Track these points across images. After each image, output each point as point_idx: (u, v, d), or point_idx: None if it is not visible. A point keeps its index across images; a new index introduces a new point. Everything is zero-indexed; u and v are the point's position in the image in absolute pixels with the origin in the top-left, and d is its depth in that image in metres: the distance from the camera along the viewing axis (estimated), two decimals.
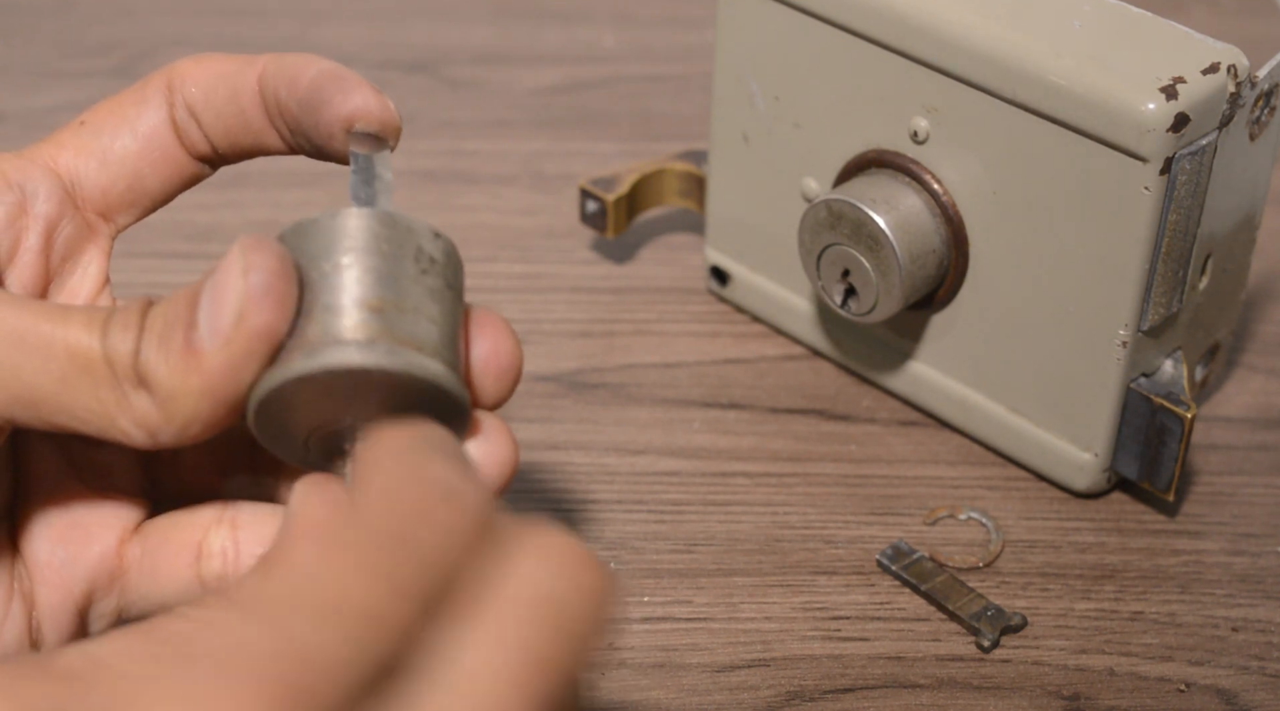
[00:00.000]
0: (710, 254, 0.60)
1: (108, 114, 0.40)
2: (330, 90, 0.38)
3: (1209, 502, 0.54)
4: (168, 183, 0.41)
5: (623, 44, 0.78)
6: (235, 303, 0.32)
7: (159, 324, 0.33)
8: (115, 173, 0.40)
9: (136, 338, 0.33)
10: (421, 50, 0.76)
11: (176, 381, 0.33)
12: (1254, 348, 0.60)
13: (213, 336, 0.32)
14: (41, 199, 0.39)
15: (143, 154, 0.40)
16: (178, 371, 0.33)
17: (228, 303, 0.32)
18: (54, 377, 0.33)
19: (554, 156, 0.69)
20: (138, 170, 0.40)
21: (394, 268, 0.34)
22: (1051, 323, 0.51)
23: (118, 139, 0.40)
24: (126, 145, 0.40)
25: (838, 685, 0.47)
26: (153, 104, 0.40)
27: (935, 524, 0.53)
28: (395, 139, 0.40)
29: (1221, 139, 0.48)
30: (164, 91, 0.40)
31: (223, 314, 0.32)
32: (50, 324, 0.34)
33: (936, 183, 0.52)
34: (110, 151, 0.40)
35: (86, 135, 0.40)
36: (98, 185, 0.40)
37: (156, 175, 0.41)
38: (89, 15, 0.78)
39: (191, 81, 0.40)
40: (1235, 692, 0.47)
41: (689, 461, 0.54)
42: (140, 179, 0.40)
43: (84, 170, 0.40)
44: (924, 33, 0.50)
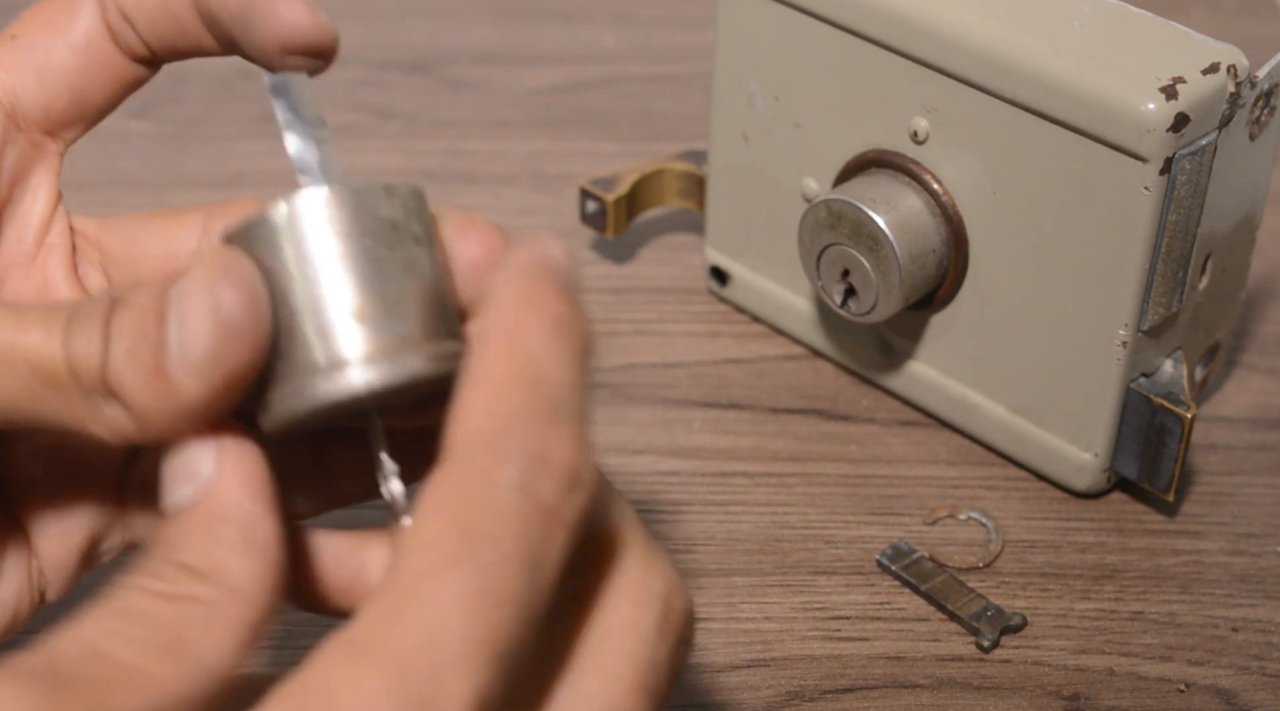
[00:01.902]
0: (710, 254, 0.60)
1: (39, 26, 0.38)
2: (259, 5, 0.36)
3: (1209, 502, 0.54)
4: (110, 91, 0.39)
5: (623, 44, 0.78)
6: (207, 339, 0.30)
7: (126, 334, 0.31)
8: (54, 88, 0.38)
9: (103, 345, 0.31)
10: (421, 50, 0.76)
11: (149, 401, 0.31)
12: (1254, 348, 0.60)
13: (184, 368, 0.30)
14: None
15: (81, 66, 0.38)
16: (149, 392, 0.31)
17: (199, 336, 0.30)
18: (19, 389, 0.32)
19: (554, 156, 0.69)
20: (78, 83, 0.38)
21: (361, 256, 0.33)
22: (1051, 323, 0.51)
23: (53, 53, 0.38)
24: (63, 59, 0.38)
25: (838, 685, 0.47)
26: (85, 9, 0.38)
27: (935, 524, 0.53)
28: (331, 56, 0.37)
29: (1221, 139, 0.48)
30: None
31: (195, 347, 0.30)
32: (6, 331, 0.32)
33: (936, 183, 0.52)
34: (46, 67, 0.38)
35: (19, 51, 0.38)
36: (37, 103, 0.38)
37: (97, 85, 0.39)
38: None
39: None
40: (1235, 692, 0.47)
41: (689, 461, 0.54)
42: (81, 92, 0.39)
43: (21, 89, 0.38)
44: (924, 33, 0.50)
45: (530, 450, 0.29)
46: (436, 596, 0.27)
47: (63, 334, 0.32)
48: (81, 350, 0.31)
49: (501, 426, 0.29)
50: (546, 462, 0.29)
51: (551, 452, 0.29)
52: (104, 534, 0.40)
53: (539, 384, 0.30)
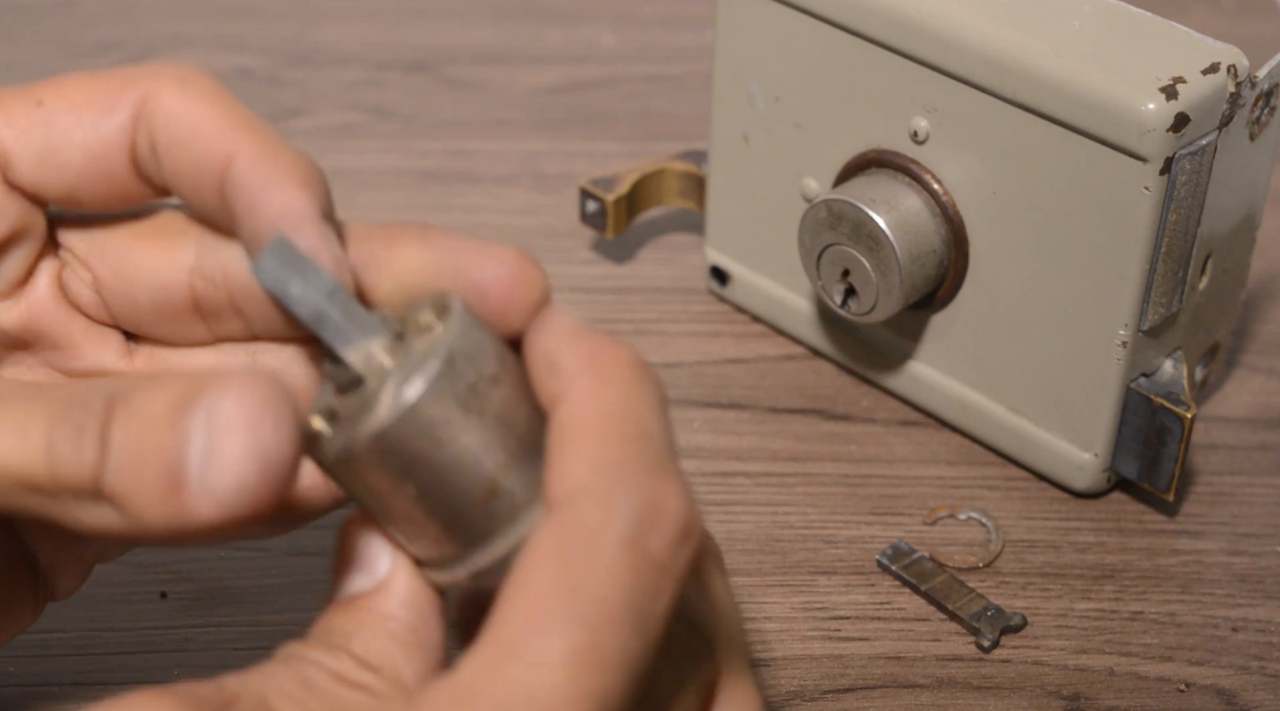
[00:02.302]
0: (710, 254, 0.60)
1: (68, 109, 0.36)
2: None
3: (1209, 502, 0.54)
4: (104, 200, 0.37)
5: (623, 44, 0.78)
6: (240, 474, 0.28)
7: (131, 448, 0.29)
8: (52, 176, 0.36)
9: (98, 453, 0.29)
10: (421, 50, 0.76)
11: (151, 509, 0.29)
12: (1254, 348, 0.60)
13: (205, 495, 0.29)
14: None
15: (86, 168, 0.36)
16: (156, 506, 0.29)
17: (230, 469, 0.28)
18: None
19: (554, 156, 0.69)
20: (76, 183, 0.36)
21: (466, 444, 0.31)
22: (1051, 323, 0.51)
23: (66, 144, 0.36)
24: (72, 154, 0.36)
25: (838, 685, 0.47)
26: (116, 119, 0.35)
27: (935, 524, 0.53)
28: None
29: (1221, 139, 0.48)
30: (132, 109, 0.35)
31: (223, 480, 0.29)
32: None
33: (936, 183, 0.52)
34: (54, 152, 0.36)
35: (37, 122, 0.36)
36: (31, 178, 0.36)
37: (94, 191, 0.36)
38: (89, 15, 0.78)
39: (163, 122, 0.35)
40: (1235, 692, 0.47)
41: (689, 461, 0.54)
42: (76, 190, 0.36)
43: (21, 158, 0.36)
44: (924, 33, 0.50)
45: (640, 502, 0.28)
46: (543, 654, 0.27)
47: (45, 435, 0.30)
48: (69, 458, 0.29)
49: (608, 478, 0.28)
50: (658, 515, 0.28)
51: (662, 504, 0.28)
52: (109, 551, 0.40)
53: (639, 434, 0.29)
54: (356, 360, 0.32)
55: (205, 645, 0.47)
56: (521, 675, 0.27)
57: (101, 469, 0.29)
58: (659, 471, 0.29)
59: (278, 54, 0.76)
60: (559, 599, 0.28)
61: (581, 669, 0.27)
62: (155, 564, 0.49)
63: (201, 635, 0.47)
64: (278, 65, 0.75)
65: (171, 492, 0.29)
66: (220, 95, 0.35)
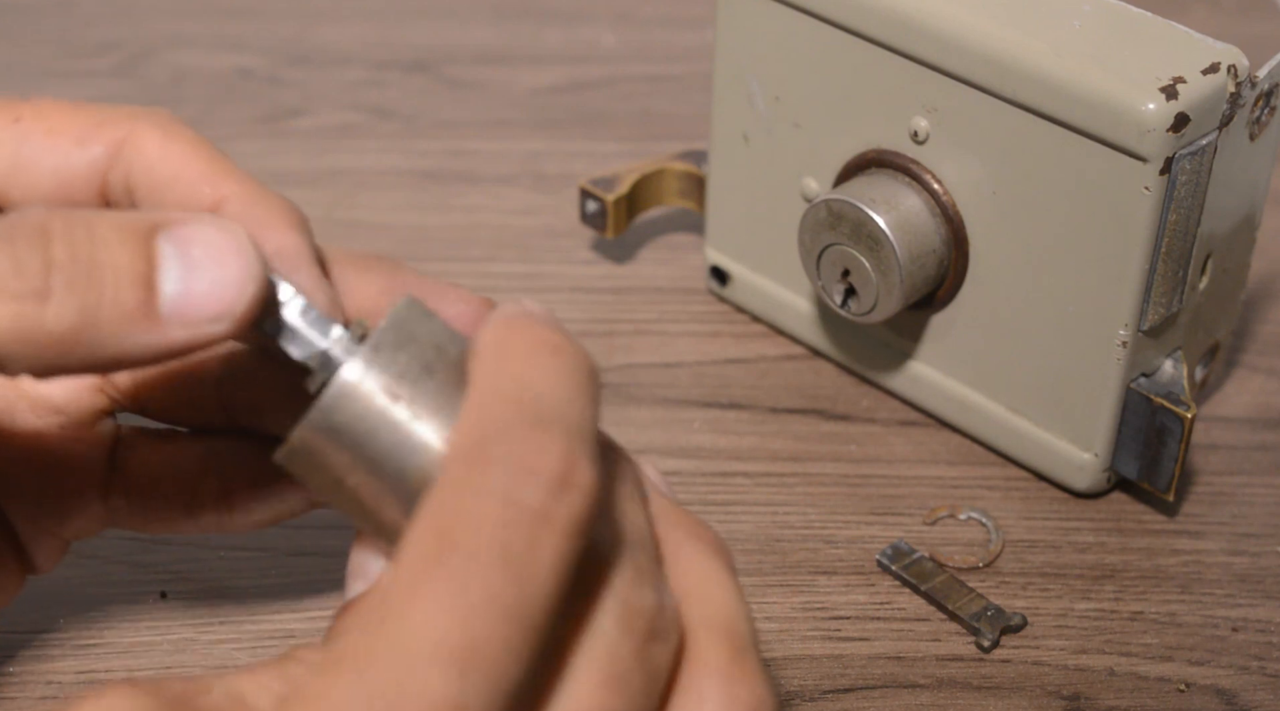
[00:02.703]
0: (710, 254, 0.60)
1: (43, 132, 0.36)
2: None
3: (1209, 502, 0.54)
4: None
5: (623, 44, 0.78)
6: (216, 291, 0.31)
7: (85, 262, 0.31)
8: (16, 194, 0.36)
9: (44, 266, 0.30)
10: (421, 50, 0.76)
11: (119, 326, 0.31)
12: (1254, 348, 0.60)
13: (179, 310, 0.31)
14: None
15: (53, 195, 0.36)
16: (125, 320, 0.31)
17: (205, 288, 0.31)
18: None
19: (554, 156, 0.69)
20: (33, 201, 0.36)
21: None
22: (1051, 323, 0.51)
23: (35, 165, 0.36)
24: (40, 178, 0.36)
25: (838, 685, 0.47)
26: (90, 153, 0.36)
27: (935, 524, 0.53)
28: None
29: (1221, 139, 0.48)
30: (110, 149, 0.36)
31: (198, 296, 0.31)
32: None
33: (936, 183, 0.52)
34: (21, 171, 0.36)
35: (10, 138, 0.36)
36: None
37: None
38: (89, 15, 0.78)
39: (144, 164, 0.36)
40: (1235, 692, 0.47)
41: (689, 461, 0.54)
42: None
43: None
44: (924, 33, 0.50)
45: (511, 456, 0.29)
46: (410, 604, 0.27)
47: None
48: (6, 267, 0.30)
49: (482, 436, 0.29)
50: (529, 467, 0.28)
51: (535, 458, 0.28)
52: (90, 527, 0.40)
53: (522, 396, 0.29)
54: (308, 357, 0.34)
55: (205, 645, 0.47)
56: (392, 626, 0.27)
57: (47, 275, 0.30)
58: (540, 428, 0.29)
59: (278, 54, 0.76)
60: (429, 551, 0.28)
61: (451, 613, 0.27)
62: (155, 564, 0.49)
63: (201, 635, 0.47)
64: (278, 65, 0.75)
65: (146, 313, 0.31)
66: (202, 142, 0.36)
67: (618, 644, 0.29)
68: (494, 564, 0.27)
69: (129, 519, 0.40)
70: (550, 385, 0.30)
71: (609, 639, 0.29)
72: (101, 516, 0.40)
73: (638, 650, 0.30)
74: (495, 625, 0.27)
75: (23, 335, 0.30)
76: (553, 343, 0.30)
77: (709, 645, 0.31)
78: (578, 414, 0.30)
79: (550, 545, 0.28)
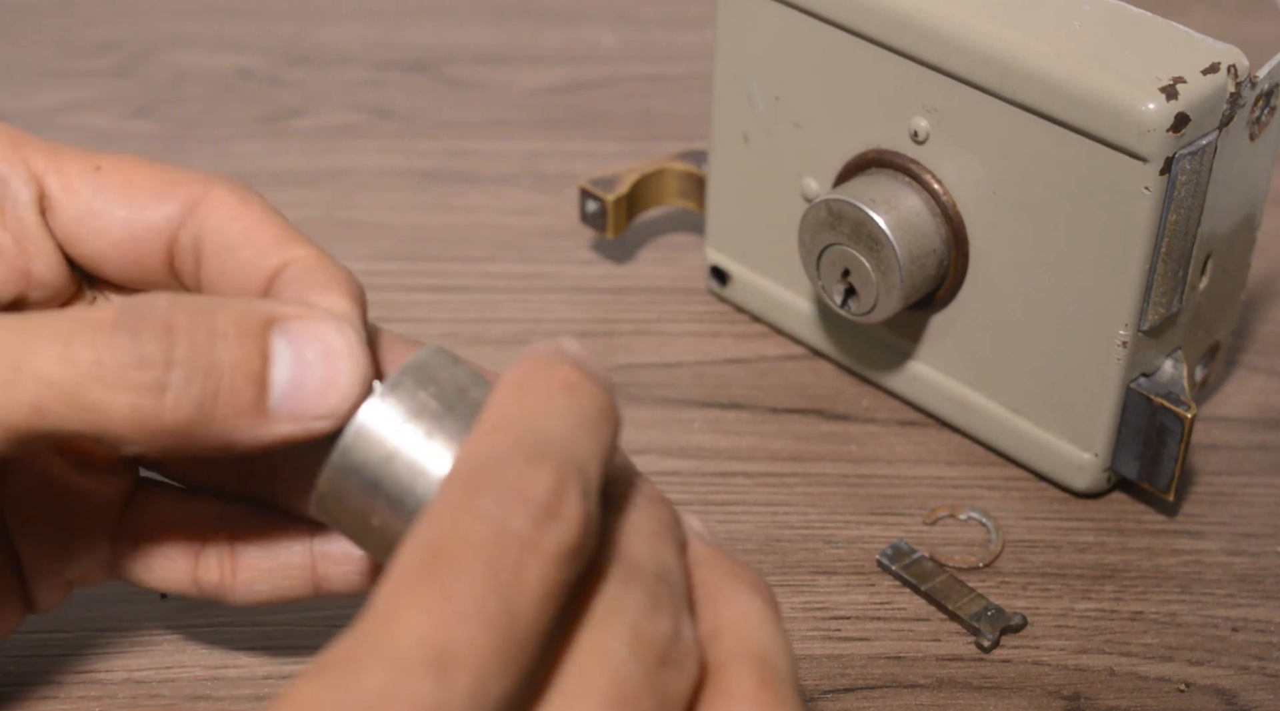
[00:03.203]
0: (710, 254, 0.60)
1: (121, 185, 0.38)
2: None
3: (1209, 502, 0.54)
4: (128, 278, 0.39)
5: (623, 44, 0.78)
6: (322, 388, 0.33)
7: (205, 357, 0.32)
8: (86, 239, 0.39)
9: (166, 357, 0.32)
10: (421, 50, 0.76)
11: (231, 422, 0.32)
12: (1254, 348, 0.60)
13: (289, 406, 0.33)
14: (21, 205, 0.38)
15: (120, 246, 0.39)
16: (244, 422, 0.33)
17: (314, 384, 0.33)
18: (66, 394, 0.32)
19: (554, 156, 0.69)
20: (106, 253, 0.39)
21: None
22: (1051, 323, 0.51)
23: (110, 214, 0.38)
24: (111, 226, 0.38)
25: (838, 685, 0.47)
26: (166, 210, 0.38)
27: (935, 524, 0.53)
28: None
29: (1221, 139, 0.48)
30: (185, 207, 0.38)
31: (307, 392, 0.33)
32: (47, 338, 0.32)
33: (936, 183, 0.52)
34: (95, 219, 0.38)
35: (88, 185, 0.38)
36: (63, 232, 0.39)
37: (120, 269, 0.39)
38: (89, 15, 0.78)
39: (217, 225, 0.38)
40: (1235, 692, 0.47)
41: (689, 461, 0.54)
42: (102, 260, 0.39)
43: (61, 211, 0.39)
44: (924, 33, 0.50)
45: (504, 484, 0.29)
46: (397, 612, 0.28)
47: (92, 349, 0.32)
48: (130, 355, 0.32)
49: (479, 464, 0.30)
50: (520, 496, 0.29)
51: (526, 487, 0.29)
52: (95, 573, 0.40)
53: (526, 429, 0.30)
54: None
55: (205, 645, 0.47)
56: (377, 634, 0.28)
57: (168, 371, 0.32)
58: (536, 459, 0.30)
59: (278, 54, 0.76)
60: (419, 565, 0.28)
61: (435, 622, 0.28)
62: None
63: (201, 635, 0.47)
64: (278, 65, 0.75)
65: (257, 402, 0.32)
66: (273, 210, 0.38)
67: (626, 667, 0.30)
68: (481, 578, 0.28)
69: (133, 567, 0.40)
70: (556, 421, 0.30)
71: (617, 660, 0.30)
72: (107, 562, 0.40)
73: (647, 674, 0.30)
74: (479, 635, 0.28)
75: (140, 424, 0.32)
76: (569, 380, 0.31)
77: (738, 674, 0.32)
78: (579, 450, 0.30)
79: (536, 569, 0.29)
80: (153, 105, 0.72)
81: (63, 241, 0.39)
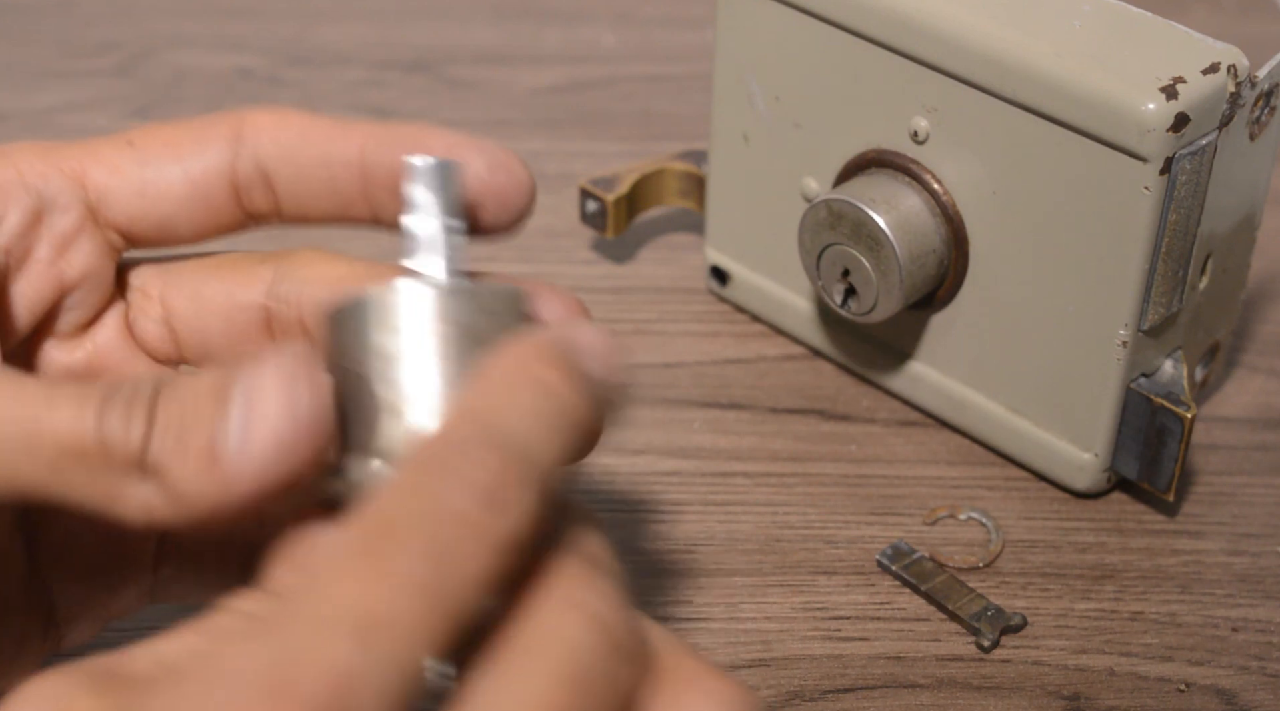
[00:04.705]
0: (710, 254, 0.60)
1: (162, 146, 0.38)
2: (459, 154, 0.38)
3: (1209, 502, 0.54)
4: (202, 231, 0.39)
5: (623, 44, 0.78)
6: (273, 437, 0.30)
7: (177, 420, 0.31)
8: (150, 208, 0.38)
9: (145, 429, 0.31)
10: (421, 50, 0.76)
11: (191, 482, 0.31)
12: (1254, 348, 0.60)
13: (242, 457, 0.30)
14: (59, 210, 0.37)
15: (186, 198, 0.38)
16: (195, 473, 0.31)
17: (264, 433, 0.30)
18: (42, 466, 0.31)
19: (554, 156, 0.69)
20: (174, 213, 0.38)
21: (454, 355, 0.33)
22: (1051, 323, 0.51)
23: (164, 175, 0.38)
24: (172, 184, 0.38)
25: (838, 685, 0.47)
26: (213, 148, 0.38)
27: (935, 524, 0.53)
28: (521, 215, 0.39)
29: (1221, 139, 0.48)
30: (230, 138, 0.38)
31: (258, 443, 0.30)
32: (34, 408, 0.31)
33: (936, 183, 0.52)
34: (152, 185, 0.38)
35: (130, 159, 0.38)
36: (127, 213, 0.38)
37: (193, 222, 0.38)
38: (89, 15, 0.78)
39: (269, 138, 0.37)
40: (1235, 692, 0.47)
41: (689, 461, 0.54)
42: (172, 221, 0.38)
43: (117, 193, 0.38)
44: (924, 33, 0.50)
45: (453, 467, 0.29)
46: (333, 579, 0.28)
47: (97, 412, 0.31)
48: (119, 430, 0.31)
49: (433, 450, 0.30)
50: (466, 480, 0.29)
51: (474, 472, 0.29)
52: (132, 604, 0.40)
53: (488, 422, 0.30)
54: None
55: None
56: (305, 596, 0.28)
57: (147, 442, 0.31)
58: (489, 448, 0.30)
59: (278, 54, 0.76)
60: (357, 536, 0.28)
61: (363, 584, 0.28)
62: None
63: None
64: (278, 65, 0.75)
65: (211, 459, 0.30)
66: (309, 111, 0.38)
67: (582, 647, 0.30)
68: (417, 552, 0.28)
69: (177, 587, 0.40)
70: (521, 420, 0.30)
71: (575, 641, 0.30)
72: (149, 589, 0.40)
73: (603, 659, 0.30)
74: (406, 604, 0.28)
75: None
76: (550, 384, 0.31)
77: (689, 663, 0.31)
78: (537, 451, 0.30)
79: (472, 551, 0.29)
80: (153, 105, 0.72)
81: (130, 224, 0.38)
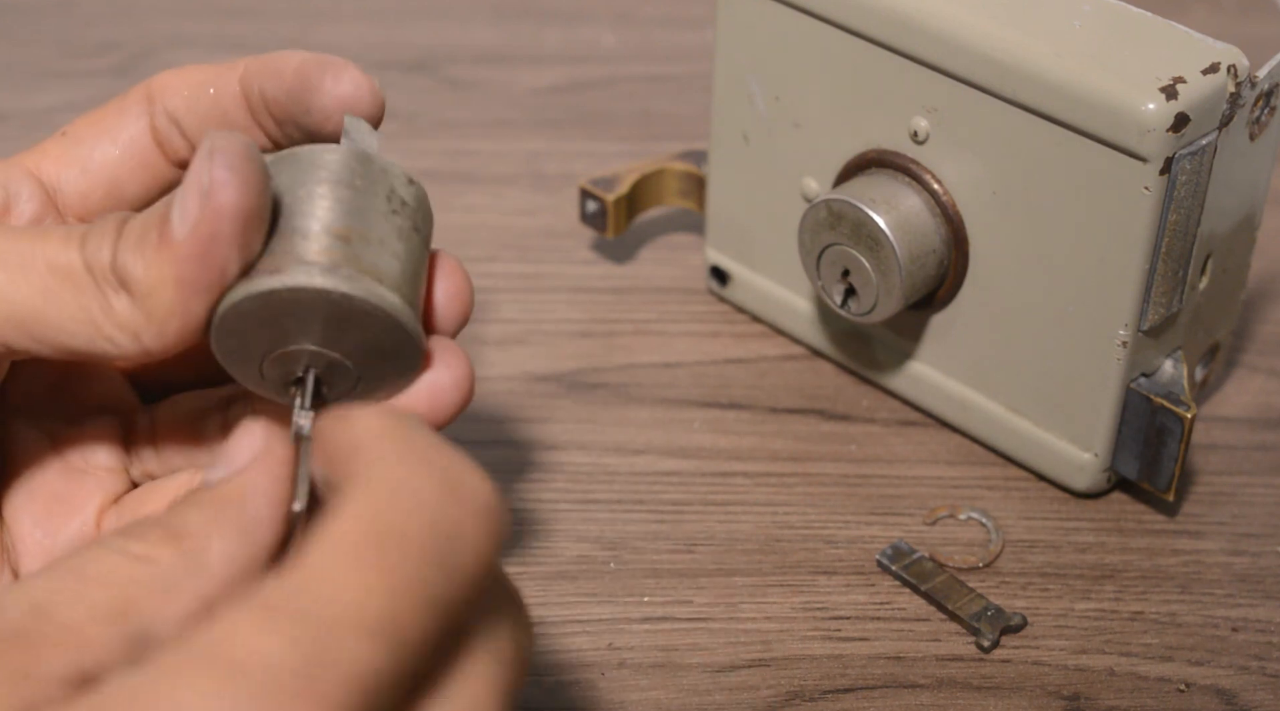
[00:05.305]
0: (710, 254, 0.60)
1: (89, 125, 0.42)
2: (318, 77, 0.39)
3: (1209, 502, 0.54)
4: (146, 188, 0.42)
5: (623, 44, 0.78)
6: (202, 184, 0.33)
7: (136, 228, 0.34)
8: (95, 180, 0.42)
9: (114, 244, 0.34)
10: (421, 50, 0.76)
11: (152, 274, 0.34)
12: (1254, 348, 0.60)
13: (182, 221, 0.33)
14: (24, 199, 0.41)
15: (122, 161, 0.42)
16: (153, 264, 0.34)
17: (195, 186, 0.33)
18: (36, 291, 0.34)
19: (554, 156, 0.69)
20: (116, 177, 0.42)
21: (365, 202, 0.36)
22: (1051, 323, 0.51)
23: (98, 148, 0.42)
24: (107, 153, 0.42)
25: (838, 685, 0.47)
26: (132, 114, 0.42)
27: (935, 524, 0.53)
28: (380, 117, 0.41)
29: (1221, 139, 0.48)
30: (143, 102, 0.42)
31: (191, 198, 0.33)
32: (28, 241, 0.35)
33: (936, 183, 0.52)
34: (90, 159, 0.42)
35: (68, 144, 0.42)
36: (78, 191, 0.42)
37: (135, 181, 0.42)
38: (89, 15, 0.78)
39: (172, 92, 0.41)
40: (1235, 692, 0.47)
41: (689, 461, 0.54)
42: (118, 185, 0.42)
43: (65, 177, 0.42)
44: (924, 33, 0.50)
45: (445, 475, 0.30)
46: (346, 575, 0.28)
47: (80, 240, 0.35)
48: (94, 248, 0.34)
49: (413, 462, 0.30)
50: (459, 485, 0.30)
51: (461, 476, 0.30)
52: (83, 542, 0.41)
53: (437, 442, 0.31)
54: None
55: None
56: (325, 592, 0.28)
57: (115, 252, 0.34)
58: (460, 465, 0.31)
59: None
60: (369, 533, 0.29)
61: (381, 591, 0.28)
62: None
63: None
64: None
65: (161, 240, 0.34)
66: (204, 64, 0.42)
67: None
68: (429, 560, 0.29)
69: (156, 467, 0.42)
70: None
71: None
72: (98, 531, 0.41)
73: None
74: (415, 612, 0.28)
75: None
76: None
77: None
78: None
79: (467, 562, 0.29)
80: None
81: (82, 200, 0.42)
